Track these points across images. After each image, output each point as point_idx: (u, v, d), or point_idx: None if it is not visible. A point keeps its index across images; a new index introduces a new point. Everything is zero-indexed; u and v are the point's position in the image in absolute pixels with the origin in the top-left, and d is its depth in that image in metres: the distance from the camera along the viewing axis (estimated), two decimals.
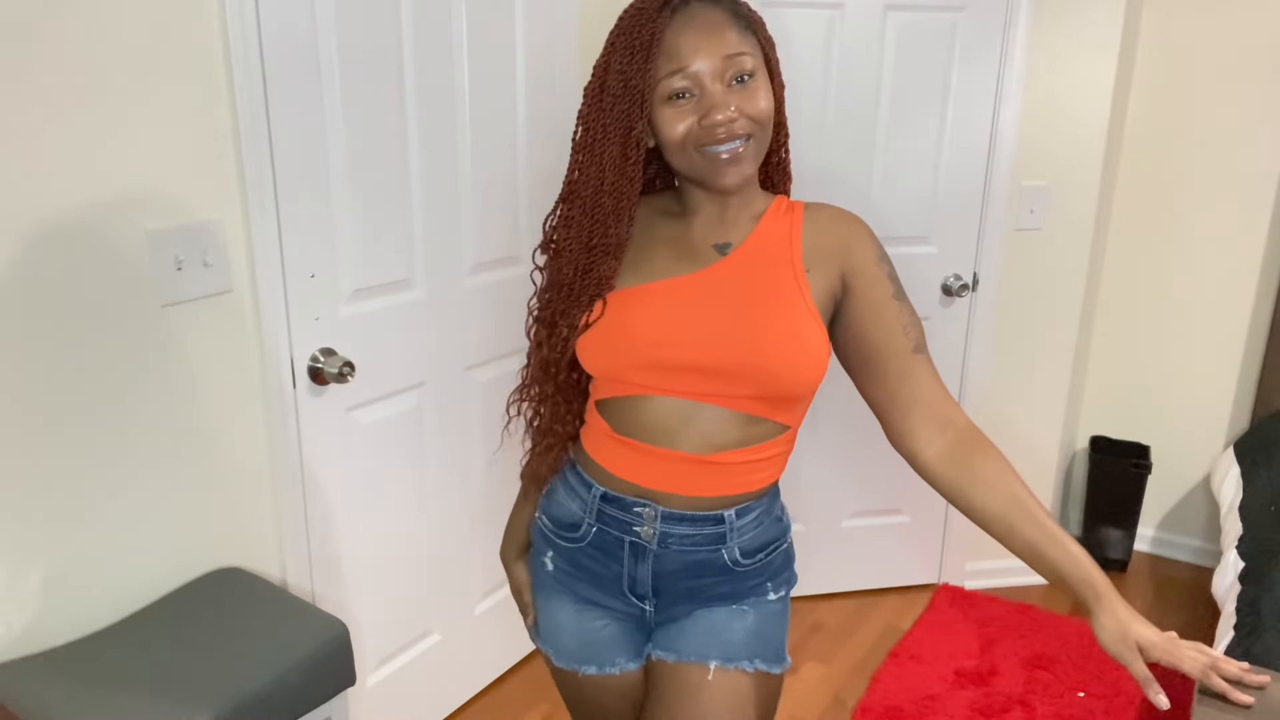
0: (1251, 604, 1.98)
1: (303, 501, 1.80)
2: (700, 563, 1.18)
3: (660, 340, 1.11)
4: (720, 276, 1.14)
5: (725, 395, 1.12)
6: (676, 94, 1.07)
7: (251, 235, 1.61)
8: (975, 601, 2.83)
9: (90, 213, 1.39)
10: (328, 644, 1.47)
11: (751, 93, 1.08)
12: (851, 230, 1.16)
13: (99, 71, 1.37)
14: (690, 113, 1.07)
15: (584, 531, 1.22)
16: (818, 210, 1.18)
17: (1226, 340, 2.94)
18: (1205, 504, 3.09)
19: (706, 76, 1.06)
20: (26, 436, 1.37)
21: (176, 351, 1.54)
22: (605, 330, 1.14)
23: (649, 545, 1.17)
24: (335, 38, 1.69)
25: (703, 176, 1.10)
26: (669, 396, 1.13)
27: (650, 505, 1.16)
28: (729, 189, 1.10)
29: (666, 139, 1.09)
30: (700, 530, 1.17)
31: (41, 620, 1.42)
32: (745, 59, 1.07)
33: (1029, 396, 2.83)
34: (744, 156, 1.08)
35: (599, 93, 1.10)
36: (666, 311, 1.13)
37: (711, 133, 1.06)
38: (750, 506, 1.19)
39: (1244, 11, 2.72)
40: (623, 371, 1.14)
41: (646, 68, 1.05)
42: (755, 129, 1.08)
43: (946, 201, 2.59)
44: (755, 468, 1.17)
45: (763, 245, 1.15)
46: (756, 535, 1.20)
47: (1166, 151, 2.90)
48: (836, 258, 1.14)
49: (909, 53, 2.46)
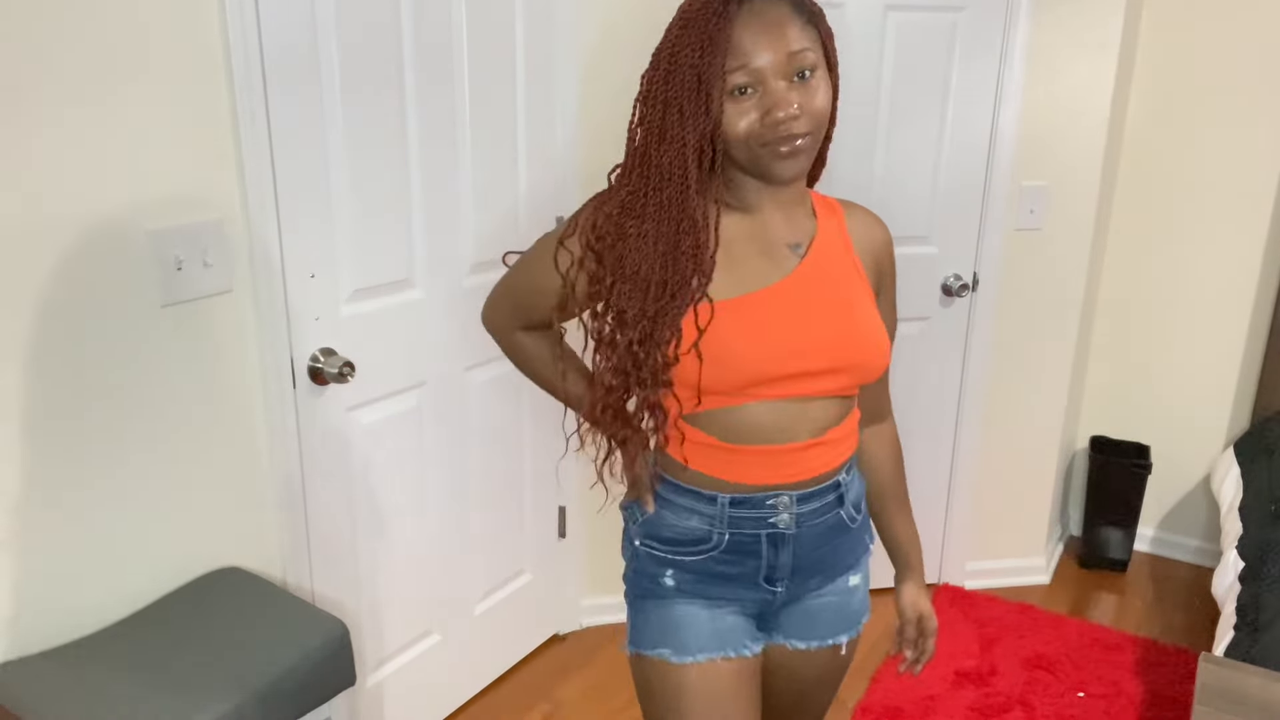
0: (1251, 604, 1.98)
1: (303, 501, 1.80)
2: (831, 528, 1.25)
3: (785, 353, 1.14)
4: (809, 278, 1.18)
5: (834, 388, 1.18)
6: (739, 89, 1.07)
7: (251, 235, 1.61)
8: (975, 601, 2.83)
9: (90, 213, 1.39)
10: (328, 644, 1.47)
11: (812, 90, 1.09)
12: (882, 236, 1.27)
13: (99, 71, 1.37)
14: (752, 108, 1.08)
15: (716, 541, 1.22)
16: (853, 209, 1.27)
17: (1226, 340, 2.94)
18: (1205, 504, 3.09)
19: (769, 73, 1.06)
20: (26, 436, 1.37)
21: (176, 351, 1.54)
22: (718, 346, 1.13)
23: (788, 531, 1.21)
24: (335, 38, 1.69)
25: (762, 170, 1.11)
26: (779, 400, 1.16)
27: (784, 494, 1.20)
28: (786, 181, 1.12)
29: (729, 134, 1.09)
30: (826, 499, 1.23)
31: (41, 620, 1.42)
32: (808, 54, 1.08)
33: (1029, 396, 2.83)
34: (802, 151, 1.10)
35: (665, 83, 1.09)
36: (779, 322, 1.15)
37: (774, 130, 1.07)
38: (850, 462, 1.28)
39: (1244, 11, 2.72)
40: (742, 387, 1.14)
41: (721, 64, 1.06)
42: (814, 125, 1.10)
43: (946, 201, 2.59)
44: (850, 432, 1.25)
45: (829, 244, 1.21)
46: (858, 488, 1.30)
47: (1166, 151, 2.90)
48: (875, 260, 1.25)
49: (909, 53, 2.46)
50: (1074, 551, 3.19)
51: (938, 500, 2.87)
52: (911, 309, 2.63)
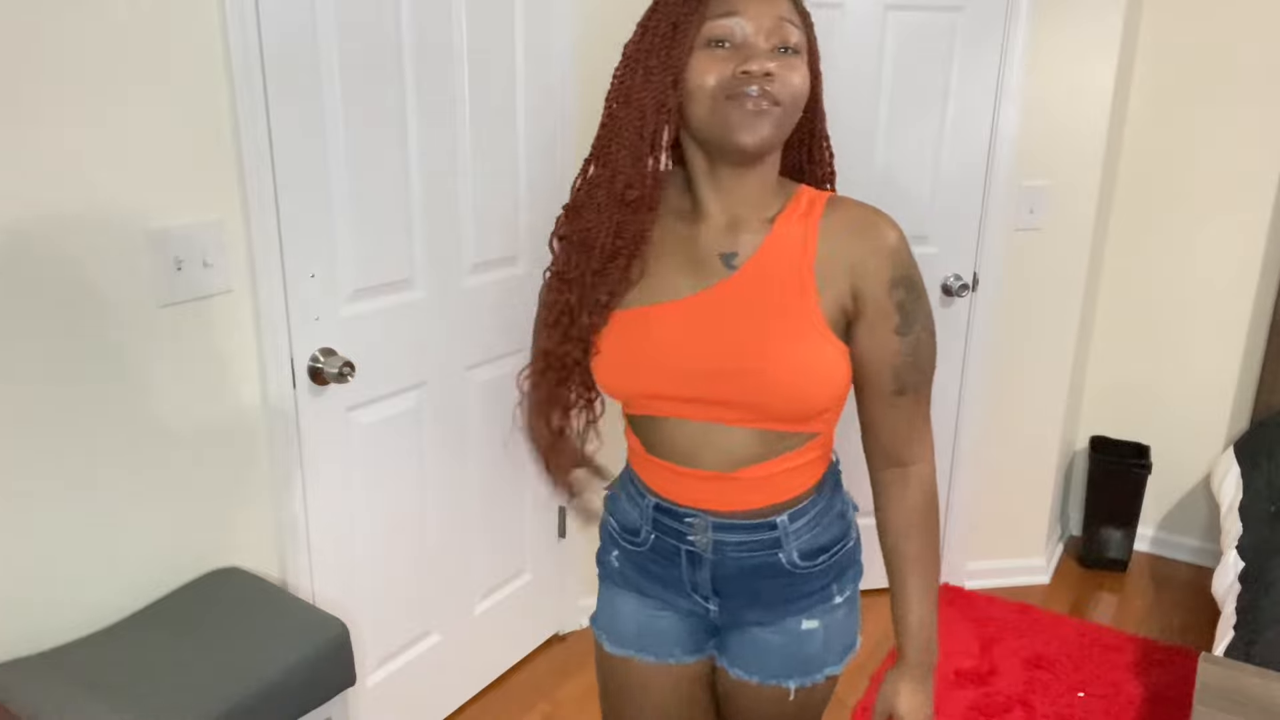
0: (1251, 604, 1.98)
1: (303, 501, 1.80)
2: (758, 567, 1.16)
3: (664, 372, 1.08)
4: (724, 297, 1.07)
5: (735, 417, 1.09)
6: (719, 40, 1.02)
7: (251, 235, 1.61)
8: (975, 601, 2.83)
9: (90, 213, 1.39)
10: (328, 644, 1.47)
11: (790, 67, 1.03)
12: (870, 245, 1.06)
13: (99, 72, 1.37)
14: (727, 61, 1.01)
15: (644, 538, 1.22)
16: (839, 211, 1.08)
17: (1226, 340, 2.94)
18: (1205, 504, 3.09)
19: (754, 30, 1.01)
20: (26, 436, 1.37)
21: (176, 352, 1.54)
22: (614, 354, 1.11)
23: (704, 554, 1.16)
24: (335, 38, 1.69)
25: (723, 131, 1.02)
26: (683, 419, 1.11)
27: (700, 516, 1.15)
28: (746, 147, 1.02)
29: (696, 84, 1.02)
30: (754, 536, 1.15)
31: (41, 620, 1.42)
32: (793, 30, 1.03)
33: (1029, 396, 2.83)
34: (769, 117, 1.02)
35: (639, 42, 1.05)
36: (670, 340, 1.08)
37: (744, 82, 1.00)
38: (804, 509, 1.15)
39: (1244, 12, 2.72)
40: (635, 398, 1.12)
41: (699, 8, 1.01)
42: (786, 98, 1.03)
43: (946, 201, 2.59)
44: (788, 477, 1.13)
45: (774, 255, 1.07)
46: (816, 536, 1.17)
47: (1166, 151, 2.90)
48: (849, 275, 1.06)
49: (909, 53, 2.46)
50: (1074, 551, 3.19)
51: None
52: None
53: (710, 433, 1.10)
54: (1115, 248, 3.03)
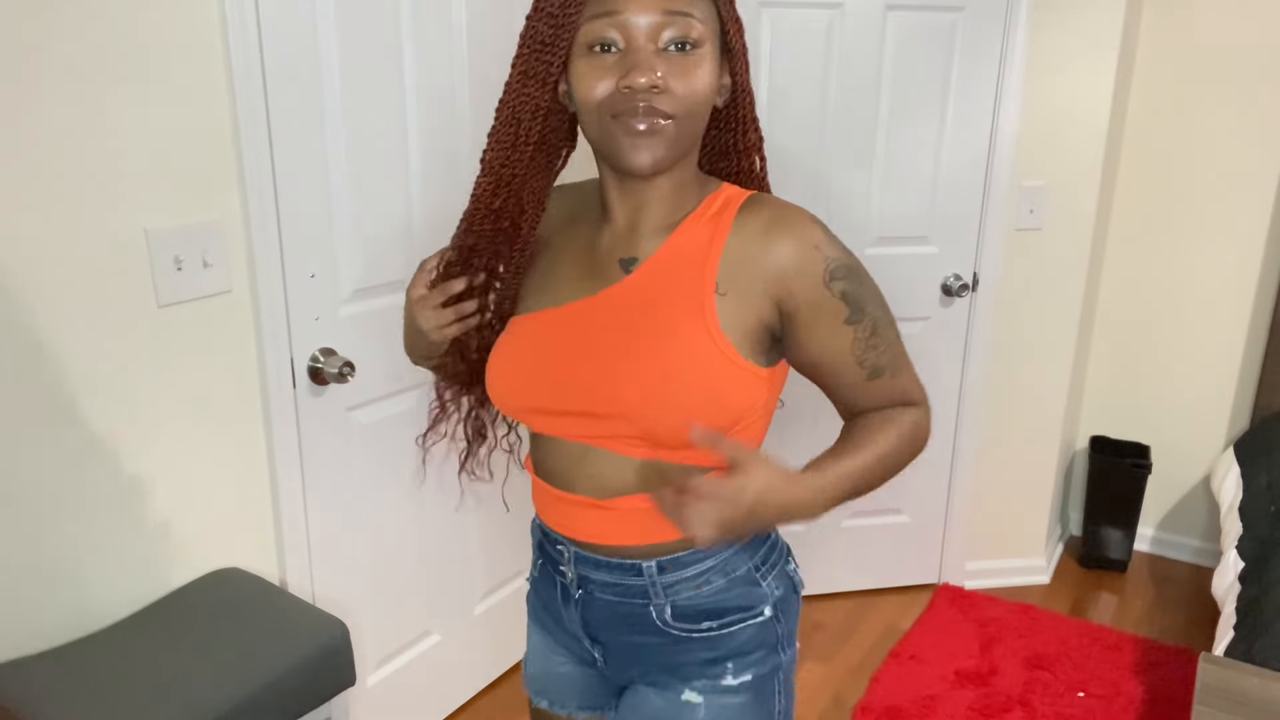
0: (1251, 604, 1.98)
1: (303, 501, 1.80)
2: (630, 615, 1.04)
3: (541, 382, 1.00)
4: (611, 303, 0.98)
5: (610, 439, 0.98)
6: (600, 45, 0.89)
7: (251, 235, 1.61)
8: (975, 601, 2.83)
9: (90, 212, 1.39)
10: (328, 644, 1.47)
11: (687, 66, 0.89)
12: (789, 250, 0.93)
13: (98, 71, 1.37)
14: (611, 71, 0.89)
15: (537, 563, 1.15)
16: (752, 215, 0.96)
17: (1226, 340, 2.94)
18: (1205, 504, 3.09)
19: (637, 30, 0.88)
20: (26, 436, 1.37)
21: (176, 352, 1.54)
22: (498, 362, 1.04)
23: (570, 589, 1.08)
24: (335, 38, 1.69)
25: (613, 151, 0.92)
26: (558, 437, 1.02)
27: (566, 545, 1.06)
28: (638, 170, 0.91)
29: (580, 98, 0.92)
30: (621, 580, 1.03)
31: (41, 620, 1.42)
32: (690, 23, 0.89)
33: (1029, 396, 2.83)
34: (661, 136, 0.90)
35: (522, 40, 0.95)
36: (551, 345, 1.00)
37: (628, 99, 0.88)
38: (683, 559, 1.01)
39: (1244, 12, 2.72)
40: (516, 410, 1.04)
41: (576, 7, 0.89)
42: (681, 110, 0.90)
43: (946, 201, 2.59)
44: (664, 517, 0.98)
45: (672, 260, 0.97)
46: (698, 596, 1.02)
47: (1166, 151, 2.90)
48: (767, 284, 0.93)
49: (909, 53, 2.46)
50: (1074, 551, 3.19)
51: (938, 500, 2.87)
52: (911, 309, 2.64)
53: (587, 454, 1.00)
54: (1115, 248, 3.03)
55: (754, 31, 2.34)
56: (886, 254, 2.59)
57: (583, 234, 1.05)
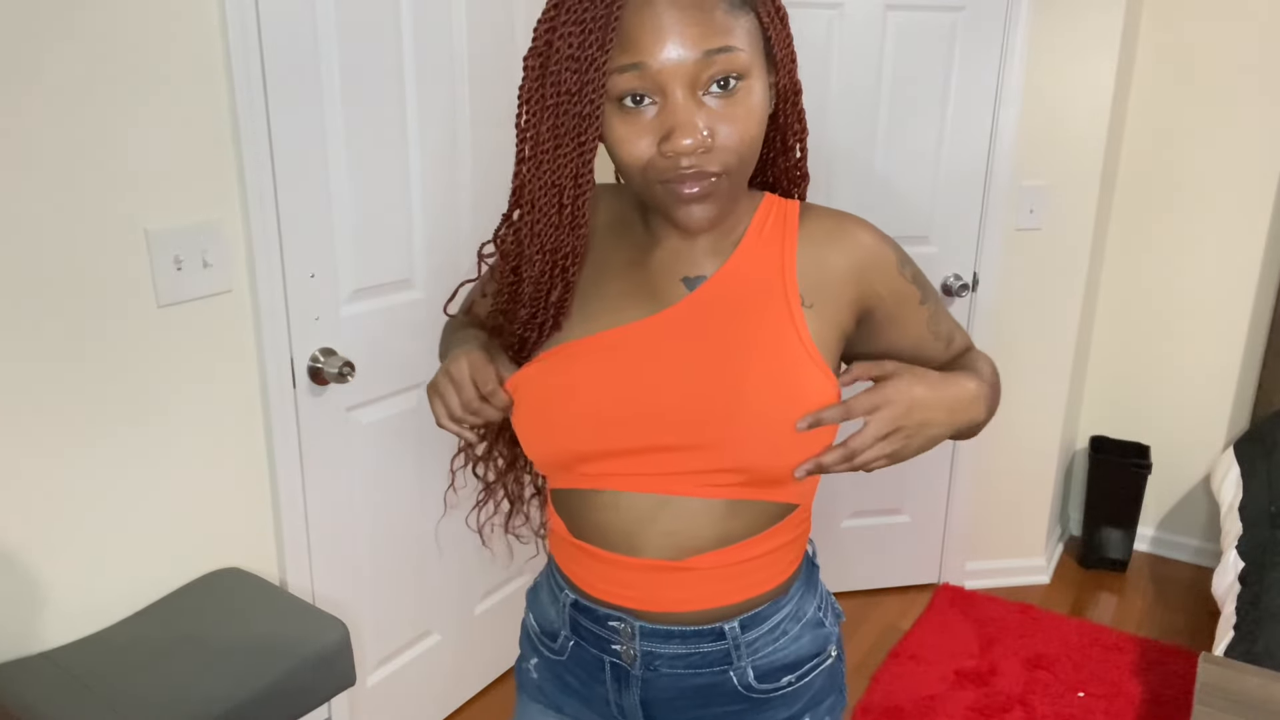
0: (1251, 604, 1.98)
1: (303, 501, 1.80)
2: (703, 688, 0.93)
3: (602, 419, 0.86)
4: (687, 317, 0.87)
5: (699, 477, 0.86)
6: (631, 96, 0.77)
7: (251, 235, 1.61)
8: (975, 601, 2.83)
9: (90, 213, 1.39)
10: (328, 644, 1.47)
11: (735, 108, 0.78)
12: (864, 249, 0.90)
13: (99, 71, 1.37)
14: (648, 129, 0.78)
15: (562, 644, 0.99)
16: (814, 223, 0.90)
17: (1226, 340, 2.94)
18: (1205, 504, 3.09)
19: (672, 79, 0.76)
20: (25, 436, 1.37)
21: (176, 351, 1.54)
22: (543, 399, 0.89)
23: (632, 669, 0.93)
24: (335, 38, 1.69)
25: (664, 212, 0.83)
26: (623, 491, 0.88)
27: (626, 620, 0.91)
28: (695, 232, 0.83)
29: (619, 160, 0.81)
30: (696, 649, 0.91)
31: (41, 620, 1.42)
32: (735, 56, 0.76)
33: (1029, 396, 2.83)
34: (715, 195, 0.80)
35: (541, 77, 0.81)
36: (615, 371, 0.86)
37: (672, 164, 0.78)
38: (763, 613, 0.92)
39: (1244, 11, 2.72)
40: (569, 458, 0.89)
41: (603, 58, 0.76)
42: (733, 162, 0.79)
43: (946, 201, 2.59)
44: (751, 568, 0.90)
45: (745, 270, 0.88)
46: (779, 650, 0.93)
47: (1166, 151, 2.90)
48: (849, 287, 0.89)
49: (909, 53, 2.46)
50: (1074, 551, 3.19)
51: (938, 500, 2.87)
52: None
53: (659, 508, 0.87)
54: (1115, 248, 3.03)
55: None
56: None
57: (627, 247, 0.92)
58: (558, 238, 0.85)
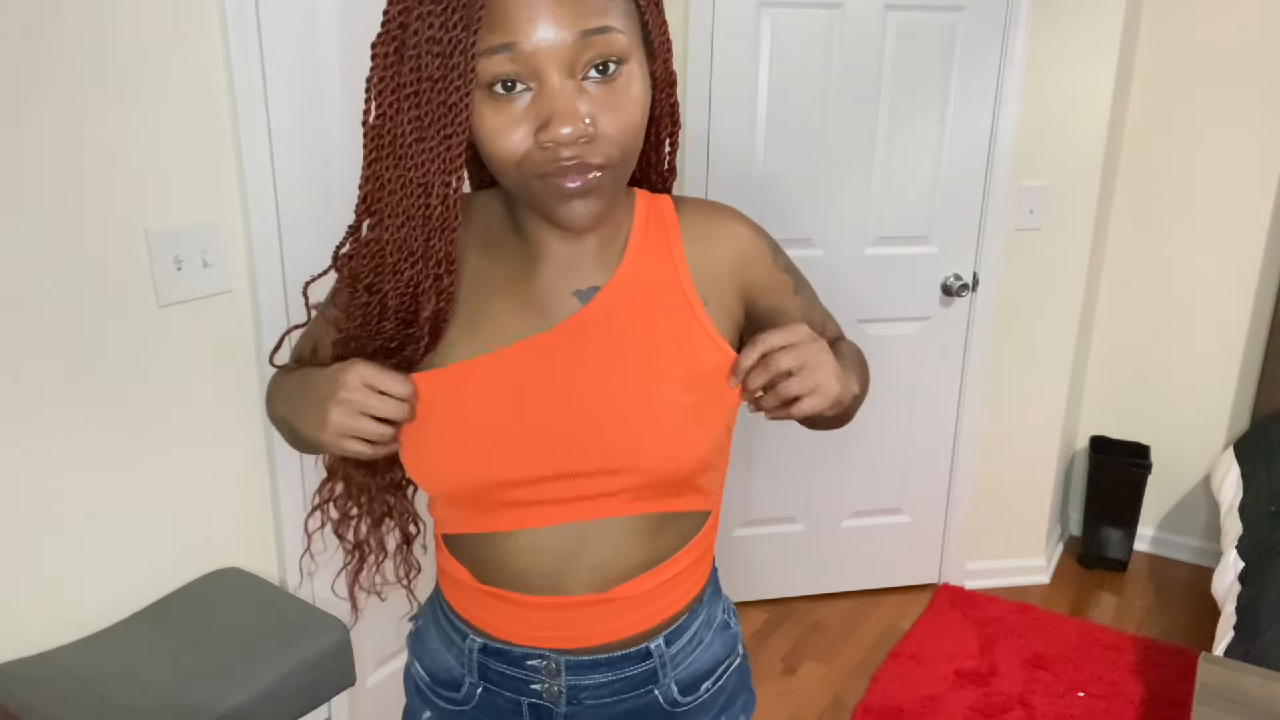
0: (1251, 604, 1.98)
1: (303, 501, 1.80)
2: (630, 713, 0.90)
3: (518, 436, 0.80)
4: (586, 331, 0.81)
5: (621, 497, 0.82)
6: (502, 82, 0.70)
7: (251, 235, 1.61)
8: (975, 601, 2.83)
9: (90, 213, 1.39)
10: (328, 644, 1.47)
11: (616, 95, 0.72)
12: (741, 241, 0.88)
13: (98, 71, 1.37)
14: (522, 118, 0.71)
15: (467, 692, 0.92)
16: (691, 217, 0.87)
17: (1226, 340, 2.94)
18: (1205, 504, 3.09)
19: (548, 62, 0.69)
20: (25, 436, 1.37)
21: (176, 351, 1.54)
22: (445, 423, 0.80)
23: (555, 707, 0.88)
24: (335, 38, 1.69)
25: (543, 211, 0.76)
26: (543, 527, 0.82)
27: (548, 657, 0.87)
28: (577, 231, 0.76)
29: (490, 154, 0.73)
30: (622, 673, 0.88)
31: (41, 620, 1.42)
32: (614, 38, 0.71)
33: (1029, 396, 2.83)
34: (598, 190, 0.74)
35: (397, 64, 0.73)
36: (520, 390, 0.80)
37: (551, 156, 0.71)
38: (683, 625, 0.90)
39: (1243, 12, 2.72)
40: (482, 488, 0.81)
41: (470, 40, 0.68)
42: (616, 154, 0.73)
43: (946, 201, 2.59)
44: (674, 584, 0.88)
45: (639, 275, 0.84)
46: (699, 658, 0.92)
47: (1166, 151, 2.90)
48: (733, 279, 0.87)
49: (909, 53, 2.46)
50: (1074, 551, 3.19)
51: (938, 500, 2.87)
52: (911, 309, 2.64)
53: (582, 543, 0.83)
54: (1115, 248, 3.03)
55: (754, 31, 2.34)
56: (886, 254, 2.59)
57: (506, 262, 0.84)
58: (428, 244, 0.77)
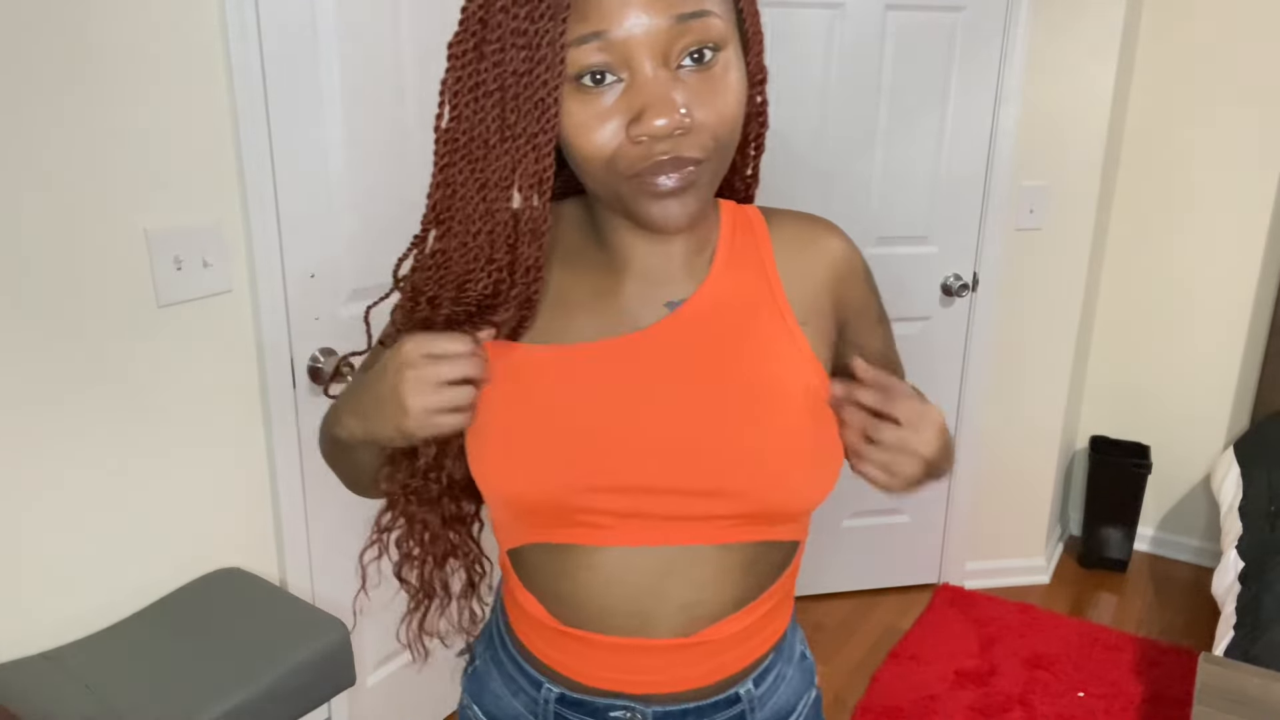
0: (1251, 604, 1.98)
1: (303, 501, 1.80)
2: None
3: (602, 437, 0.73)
4: (681, 332, 0.76)
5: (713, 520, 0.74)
6: (591, 73, 0.65)
7: (251, 235, 1.61)
8: (975, 601, 2.83)
9: (90, 213, 1.39)
10: (328, 644, 1.47)
11: (713, 83, 0.67)
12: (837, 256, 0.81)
13: (98, 71, 1.37)
14: (612, 112, 0.66)
15: None
16: (783, 229, 0.81)
17: (1226, 340, 2.94)
18: (1205, 504, 3.09)
19: (640, 50, 0.64)
20: (25, 436, 1.37)
21: (176, 352, 1.54)
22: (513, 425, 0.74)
23: None
24: (335, 38, 1.69)
25: (630, 213, 0.70)
26: (618, 547, 0.75)
27: (633, 708, 0.80)
28: (673, 233, 0.70)
29: (578, 152, 0.68)
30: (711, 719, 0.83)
31: (41, 620, 1.42)
32: (710, 23, 0.65)
33: (1029, 396, 2.83)
34: (694, 188, 0.68)
35: (476, 62, 0.69)
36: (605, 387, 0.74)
37: (645, 152, 0.66)
38: (770, 664, 0.84)
39: (1244, 11, 2.72)
40: (550, 497, 0.74)
41: (559, 29, 0.63)
42: (713, 147, 0.68)
43: (946, 201, 2.59)
44: (765, 622, 0.81)
45: (729, 288, 0.78)
46: (782, 695, 0.86)
47: (1166, 151, 2.90)
48: (827, 297, 0.80)
49: (909, 53, 2.46)
50: (1074, 551, 3.19)
51: (938, 500, 2.87)
52: (911, 309, 2.64)
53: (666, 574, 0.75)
54: (1115, 248, 3.03)
55: None
56: (886, 254, 2.59)
57: (588, 276, 0.79)
58: (514, 251, 0.72)
